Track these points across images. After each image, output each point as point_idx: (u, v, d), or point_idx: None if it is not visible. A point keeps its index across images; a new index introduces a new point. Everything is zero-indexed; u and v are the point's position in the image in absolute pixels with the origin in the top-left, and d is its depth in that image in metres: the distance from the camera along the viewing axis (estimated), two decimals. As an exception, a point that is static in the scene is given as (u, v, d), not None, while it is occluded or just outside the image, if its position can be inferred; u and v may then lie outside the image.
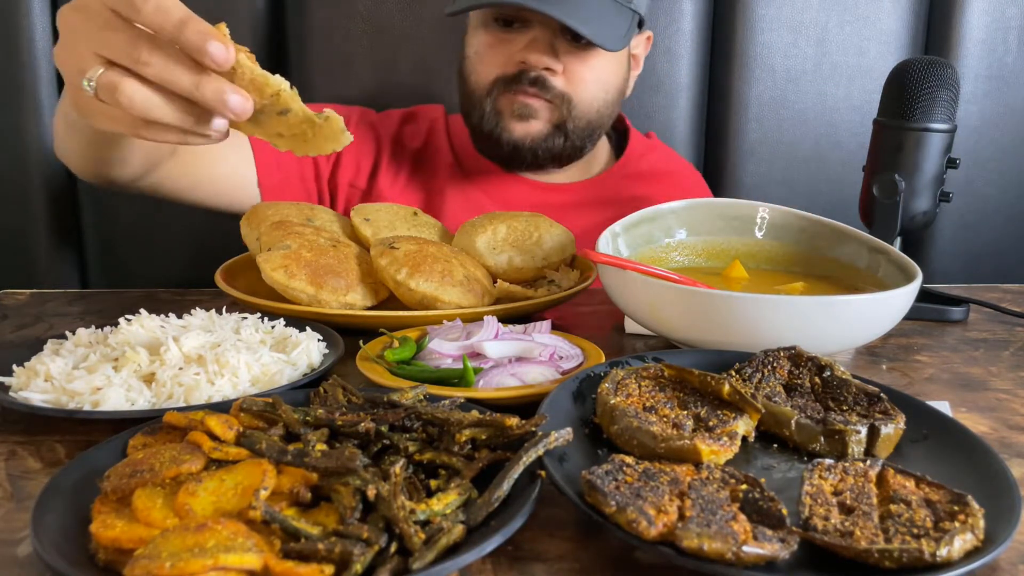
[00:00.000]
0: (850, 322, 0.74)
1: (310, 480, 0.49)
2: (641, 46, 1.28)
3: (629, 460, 0.52)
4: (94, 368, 0.67)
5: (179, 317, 0.80)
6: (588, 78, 1.15)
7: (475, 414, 0.55)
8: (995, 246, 1.59)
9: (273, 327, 0.81)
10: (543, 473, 0.51)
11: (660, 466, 0.52)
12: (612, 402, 0.59)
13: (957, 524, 0.46)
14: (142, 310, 0.78)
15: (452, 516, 0.47)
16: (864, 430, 0.58)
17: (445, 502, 0.48)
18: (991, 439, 0.67)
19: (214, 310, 0.83)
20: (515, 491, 0.50)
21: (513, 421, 0.54)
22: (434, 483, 0.51)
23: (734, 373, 0.65)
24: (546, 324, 0.80)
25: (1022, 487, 0.52)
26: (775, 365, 0.66)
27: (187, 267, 1.50)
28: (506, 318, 0.84)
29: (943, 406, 0.70)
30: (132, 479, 0.49)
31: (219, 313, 0.83)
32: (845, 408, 0.61)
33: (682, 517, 0.46)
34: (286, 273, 0.87)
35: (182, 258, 1.50)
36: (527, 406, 0.64)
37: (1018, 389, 0.79)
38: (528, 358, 0.73)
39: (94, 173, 0.97)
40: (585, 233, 1.14)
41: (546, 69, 1.12)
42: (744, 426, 0.57)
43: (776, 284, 0.90)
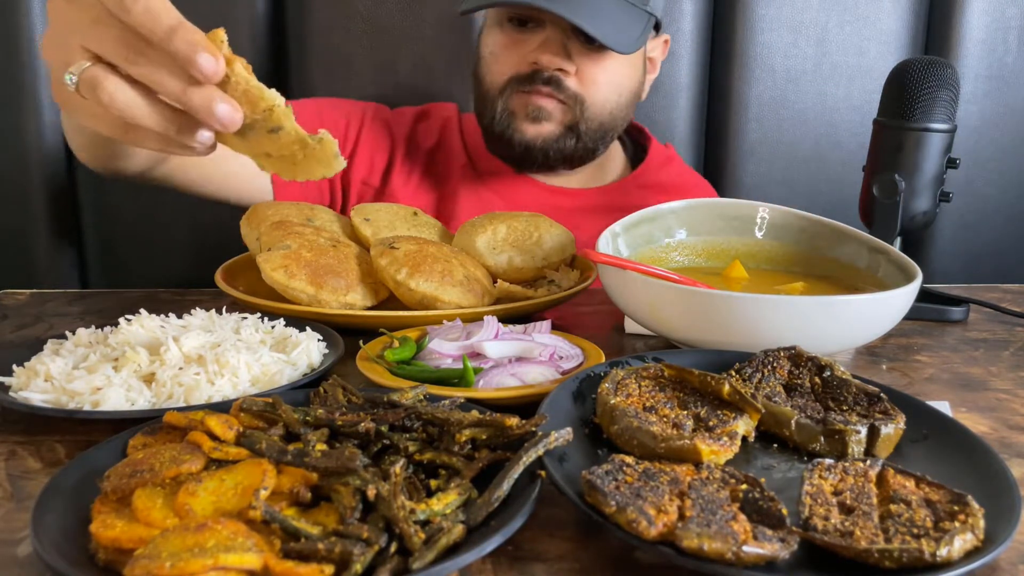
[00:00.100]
0: (850, 322, 0.74)
1: (310, 480, 0.49)
2: (658, 49, 1.27)
3: (629, 460, 0.52)
4: (94, 368, 0.67)
5: (179, 317, 0.80)
6: (601, 80, 1.14)
7: (475, 414, 0.55)
8: (995, 246, 1.60)
9: (273, 327, 0.81)
10: (543, 473, 0.51)
11: (660, 466, 0.52)
12: (612, 402, 0.59)
13: (957, 524, 0.46)
14: (142, 310, 0.78)
15: (452, 516, 0.47)
16: (864, 430, 0.58)
17: (445, 502, 0.48)
18: (991, 439, 0.67)
19: (214, 310, 0.83)
20: (515, 491, 0.50)
21: (513, 421, 0.54)
22: (434, 483, 0.51)
23: (734, 373, 0.65)
24: (546, 324, 0.80)
25: (1022, 487, 0.52)
26: (775, 365, 0.66)
27: (187, 267, 1.50)
28: (506, 318, 0.84)
29: (943, 406, 0.70)
30: (132, 479, 0.49)
31: (219, 313, 0.83)
32: (845, 408, 0.61)
33: (682, 517, 0.46)
34: (286, 273, 0.87)
35: (182, 258, 1.50)
36: (527, 406, 0.64)
37: (1018, 389, 0.79)
38: (528, 358, 0.73)
39: (103, 166, 0.97)
40: (595, 239, 1.14)
41: (558, 70, 1.12)
42: (744, 426, 0.57)
43: (776, 284, 0.90)
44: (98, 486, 0.49)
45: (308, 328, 0.81)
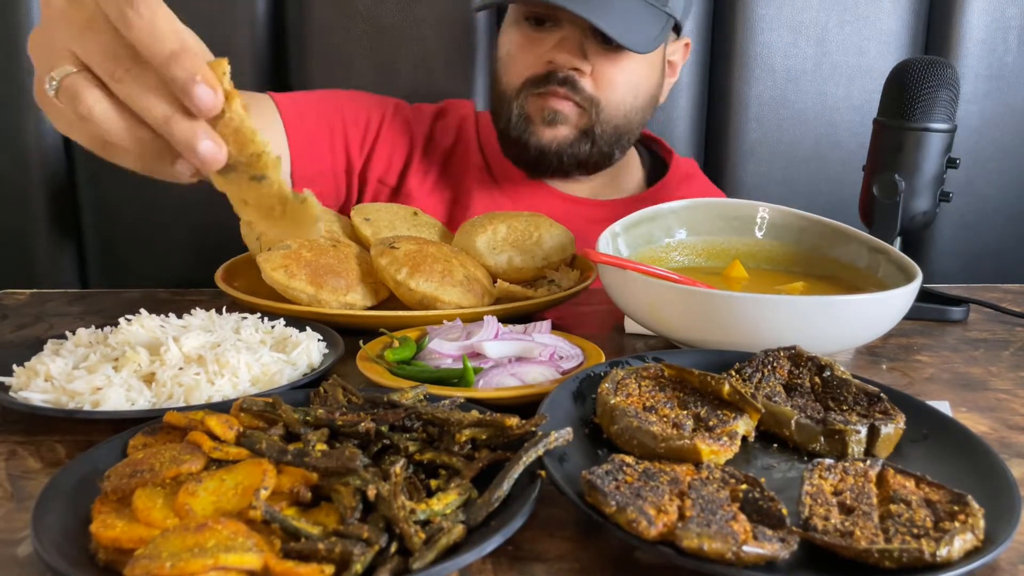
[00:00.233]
0: (850, 322, 0.74)
1: (310, 480, 0.49)
2: (678, 52, 1.25)
3: (629, 460, 0.52)
4: (94, 368, 0.67)
5: (179, 317, 0.80)
6: (618, 81, 1.13)
7: (475, 414, 0.55)
8: (995, 246, 1.60)
9: (273, 327, 0.81)
10: (543, 473, 0.51)
11: (660, 466, 0.52)
12: (612, 402, 0.59)
13: (957, 524, 0.46)
14: (142, 310, 0.78)
15: (452, 516, 0.47)
16: (864, 430, 0.58)
17: (445, 502, 0.48)
18: (991, 439, 0.67)
19: (214, 310, 0.83)
20: (515, 491, 0.50)
21: (513, 421, 0.54)
22: (434, 483, 0.51)
23: (734, 373, 0.65)
24: (546, 324, 0.80)
25: (1022, 487, 0.52)
26: (775, 365, 0.66)
27: (187, 267, 1.50)
28: (506, 318, 0.84)
29: (943, 406, 0.70)
30: (132, 479, 0.49)
31: (219, 313, 0.83)
32: (845, 408, 0.61)
33: (682, 517, 0.46)
34: (286, 273, 0.87)
35: (182, 258, 1.50)
36: (527, 406, 0.64)
37: (1018, 389, 0.79)
38: (528, 358, 0.73)
39: (104, 158, 0.96)
40: None
41: (574, 69, 1.11)
42: (744, 426, 0.57)
43: (776, 284, 0.90)
44: (98, 486, 0.49)
45: (308, 328, 0.81)
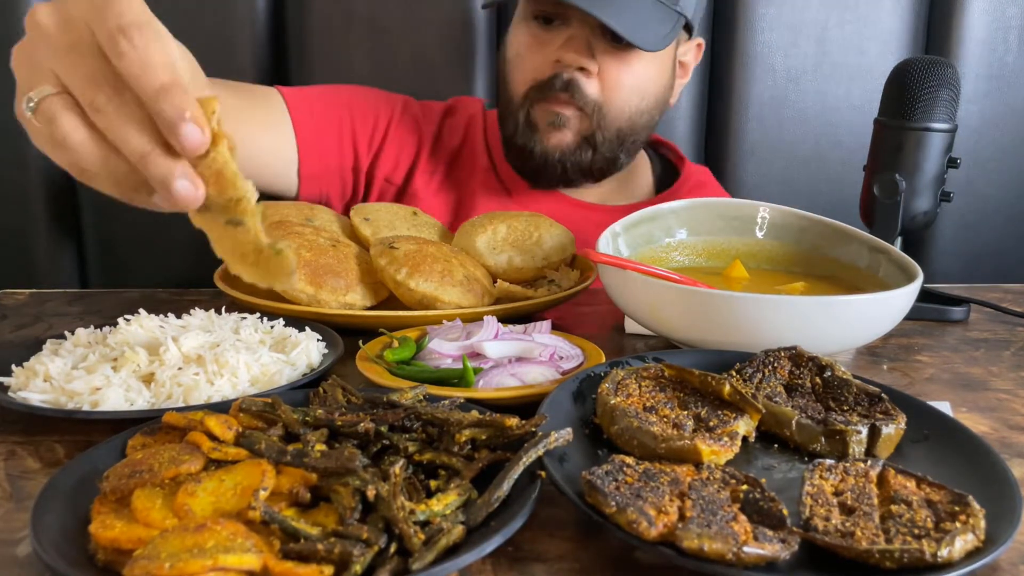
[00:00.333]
0: (851, 322, 0.74)
1: (309, 480, 0.49)
2: (690, 53, 1.24)
3: (629, 460, 0.52)
4: (93, 368, 0.67)
5: (178, 317, 0.80)
6: (624, 82, 1.11)
7: (475, 414, 0.55)
8: (995, 246, 1.59)
9: (272, 327, 0.81)
10: (543, 473, 0.51)
11: (660, 466, 0.52)
12: (612, 402, 0.59)
13: (958, 524, 0.46)
14: (141, 310, 0.78)
15: (452, 516, 0.47)
16: (865, 430, 0.58)
17: (445, 502, 0.48)
18: (992, 439, 0.67)
19: (213, 310, 0.83)
20: (515, 491, 0.50)
21: (513, 421, 0.54)
22: (434, 483, 0.51)
23: (734, 373, 0.65)
24: (546, 324, 0.80)
25: (1023, 487, 0.52)
26: (776, 365, 0.66)
27: (187, 267, 1.50)
28: (506, 318, 0.84)
29: (944, 406, 0.70)
30: (131, 479, 0.49)
31: (218, 313, 0.83)
32: (846, 408, 0.61)
33: (682, 517, 0.46)
34: (286, 273, 0.87)
35: (182, 258, 1.50)
36: (527, 406, 0.64)
37: (1019, 389, 0.79)
38: (528, 358, 0.73)
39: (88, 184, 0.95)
40: None
41: (580, 69, 1.09)
42: (745, 426, 0.57)
43: (777, 284, 0.90)
44: (97, 486, 0.49)
45: (307, 328, 0.81)
